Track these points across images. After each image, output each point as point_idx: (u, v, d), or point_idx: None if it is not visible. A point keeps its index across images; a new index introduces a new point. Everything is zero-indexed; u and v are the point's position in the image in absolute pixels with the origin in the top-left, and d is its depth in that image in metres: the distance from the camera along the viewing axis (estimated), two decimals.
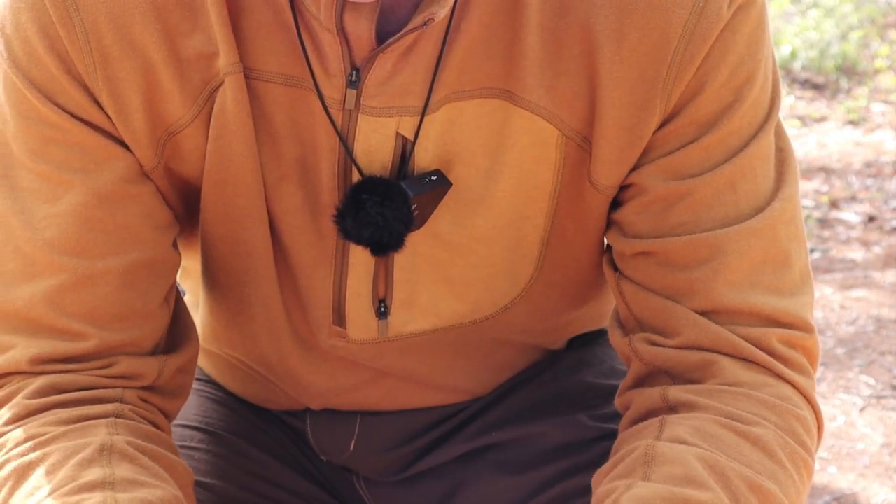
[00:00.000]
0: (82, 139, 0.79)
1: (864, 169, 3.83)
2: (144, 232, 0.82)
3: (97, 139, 0.80)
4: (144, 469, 0.77)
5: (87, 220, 0.79)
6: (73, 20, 0.77)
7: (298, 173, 0.83)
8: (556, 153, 0.82)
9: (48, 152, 0.79)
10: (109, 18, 0.77)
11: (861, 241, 3.25)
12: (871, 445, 2.29)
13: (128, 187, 0.81)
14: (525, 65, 0.79)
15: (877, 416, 2.39)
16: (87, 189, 0.79)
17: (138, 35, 0.78)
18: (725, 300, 0.80)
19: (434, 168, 0.82)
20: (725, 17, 0.78)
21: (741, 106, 0.80)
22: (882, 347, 2.66)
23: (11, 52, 0.79)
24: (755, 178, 0.81)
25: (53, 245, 0.79)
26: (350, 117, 0.80)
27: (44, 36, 0.77)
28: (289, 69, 0.80)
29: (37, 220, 0.79)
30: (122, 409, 0.81)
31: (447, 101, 0.80)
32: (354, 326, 0.89)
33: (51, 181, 0.79)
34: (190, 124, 0.81)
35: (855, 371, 2.56)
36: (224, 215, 0.85)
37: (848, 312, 2.83)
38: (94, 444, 0.76)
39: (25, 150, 0.80)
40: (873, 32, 5.20)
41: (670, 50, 0.78)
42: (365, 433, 1.00)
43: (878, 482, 2.17)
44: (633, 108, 0.79)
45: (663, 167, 0.81)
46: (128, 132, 0.80)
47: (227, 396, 1.05)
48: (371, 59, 0.78)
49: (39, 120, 0.79)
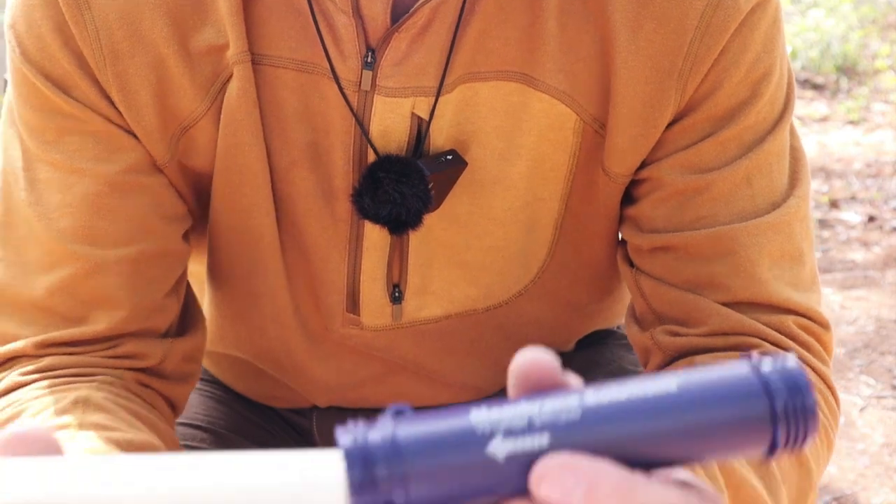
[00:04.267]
0: (96, 128, 0.80)
1: (864, 169, 3.83)
2: (155, 222, 0.82)
3: (110, 129, 0.80)
4: (119, 419, 0.75)
5: (98, 209, 0.80)
6: (84, 17, 0.78)
7: (311, 158, 0.83)
8: (573, 137, 0.82)
9: (63, 142, 0.80)
10: (120, 15, 0.78)
11: (861, 242, 3.26)
12: (871, 446, 2.29)
13: (139, 178, 0.81)
14: (545, 49, 0.79)
15: (877, 416, 2.39)
16: (99, 178, 0.80)
17: (148, 31, 0.78)
18: (748, 293, 0.81)
19: (449, 148, 0.82)
20: (743, 11, 0.78)
21: (758, 102, 0.80)
22: (882, 348, 2.66)
23: (24, 49, 0.79)
24: (770, 173, 0.82)
25: (67, 234, 0.80)
26: (365, 99, 0.80)
27: (58, 34, 0.78)
28: (301, 54, 0.80)
29: (51, 211, 0.80)
30: (115, 381, 0.80)
31: (461, 82, 0.80)
32: (368, 312, 0.89)
33: (64, 170, 0.80)
34: (203, 117, 0.81)
35: (855, 371, 2.56)
36: (231, 204, 0.85)
37: (848, 312, 2.84)
38: (69, 397, 0.75)
39: (41, 143, 0.80)
40: (874, 32, 5.21)
41: (686, 41, 0.78)
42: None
43: (878, 482, 2.18)
44: (648, 97, 0.79)
45: (680, 161, 0.81)
46: (139, 127, 0.80)
47: (231, 396, 1.05)
48: (386, 40, 0.78)
49: (54, 111, 0.79)
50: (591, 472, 0.41)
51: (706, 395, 0.44)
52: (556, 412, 0.43)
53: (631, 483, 0.42)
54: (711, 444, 0.44)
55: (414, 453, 0.42)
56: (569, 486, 0.41)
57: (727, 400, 0.44)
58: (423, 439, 0.42)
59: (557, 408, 0.43)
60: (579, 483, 0.41)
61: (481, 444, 0.42)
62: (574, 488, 0.41)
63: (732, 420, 0.44)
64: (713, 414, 0.43)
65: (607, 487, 0.41)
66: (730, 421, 0.44)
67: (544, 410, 0.43)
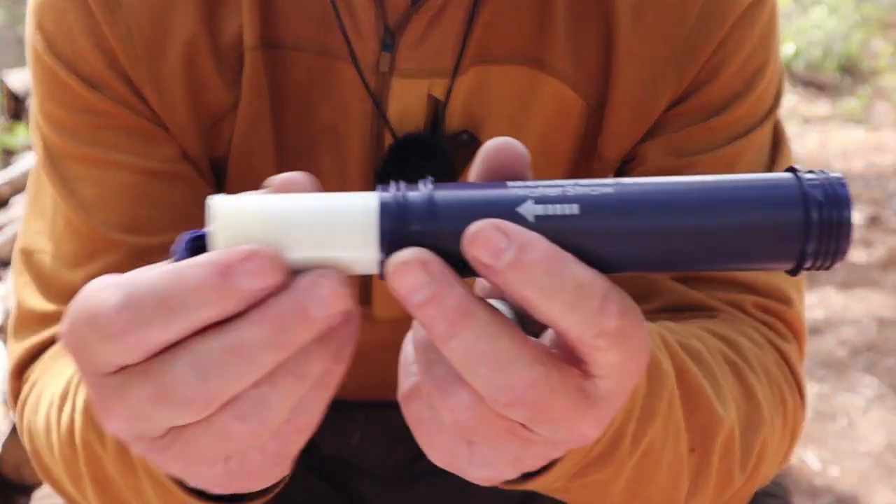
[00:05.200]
0: (130, 122, 0.80)
1: (866, 169, 3.83)
2: (194, 210, 0.82)
3: (144, 124, 0.80)
4: None
5: (140, 198, 0.80)
6: (115, 17, 0.78)
7: (325, 143, 0.83)
8: (578, 122, 0.83)
9: (98, 137, 0.80)
10: (150, 14, 0.78)
11: (863, 242, 3.25)
12: (873, 446, 2.28)
13: (177, 167, 0.81)
14: (555, 34, 0.80)
15: (879, 416, 2.38)
16: (138, 169, 0.79)
17: (179, 28, 0.79)
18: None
19: (462, 129, 0.83)
20: (742, 5, 0.80)
21: (751, 94, 0.82)
22: (884, 348, 2.66)
23: (55, 49, 0.79)
24: (751, 161, 0.83)
25: (109, 224, 0.79)
26: (384, 81, 0.80)
27: (89, 35, 0.78)
28: (318, 38, 0.80)
29: (90, 203, 0.80)
30: None
31: (474, 64, 0.81)
32: (380, 303, 0.89)
33: (101, 165, 0.80)
34: (231, 110, 0.81)
35: (857, 372, 2.56)
36: (241, 191, 0.85)
37: (850, 313, 2.83)
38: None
39: (74, 140, 0.80)
40: (876, 31, 5.20)
41: (686, 30, 0.80)
42: (371, 424, 1.00)
43: (880, 483, 2.17)
44: (646, 84, 0.80)
45: (665, 143, 0.82)
46: (173, 124, 0.81)
47: None
48: (405, 21, 0.78)
49: (86, 109, 0.79)
50: (524, 237, 0.41)
51: (744, 187, 0.43)
52: (591, 187, 0.43)
53: (561, 257, 0.42)
54: (741, 241, 0.43)
55: (449, 211, 0.43)
56: (499, 248, 0.41)
57: (763, 197, 0.43)
58: (459, 199, 0.43)
59: (593, 184, 0.43)
60: (510, 246, 0.41)
61: (513, 205, 0.43)
62: (504, 252, 0.41)
63: (764, 219, 0.43)
64: (748, 206, 0.43)
65: (538, 253, 0.41)
66: (761, 219, 0.43)
67: (579, 185, 0.43)
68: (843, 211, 0.43)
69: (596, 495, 0.69)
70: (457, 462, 0.49)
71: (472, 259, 0.42)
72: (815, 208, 0.43)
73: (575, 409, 0.44)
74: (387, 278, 0.42)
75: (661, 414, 0.66)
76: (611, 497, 0.69)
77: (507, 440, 0.46)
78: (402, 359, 0.50)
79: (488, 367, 0.42)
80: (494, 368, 0.42)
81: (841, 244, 0.43)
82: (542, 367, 0.43)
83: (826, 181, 0.43)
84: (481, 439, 0.46)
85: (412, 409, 0.49)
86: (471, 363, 0.42)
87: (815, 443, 2.31)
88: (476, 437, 0.46)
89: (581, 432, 0.46)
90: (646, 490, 0.70)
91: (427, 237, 0.42)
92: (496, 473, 0.49)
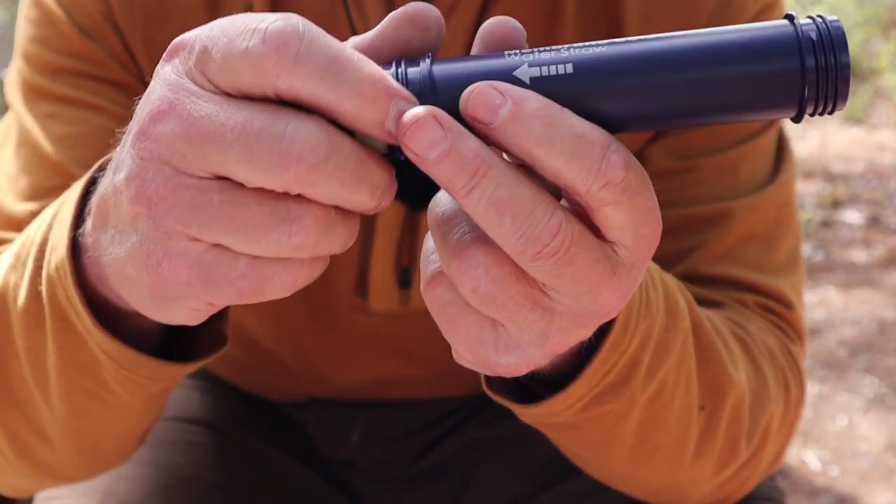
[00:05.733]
0: (116, 76, 0.80)
1: (866, 169, 3.82)
2: None
3: (130, 80, 0.81)
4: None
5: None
6: None
7: None
8: None
9: (81, 83, 0.80)
10: None
11: (863, 242, 3.25)
12: (873, 447, 2.28)
13: None
14: (565, 35, 0.80)
15: (879, 417, 2.38)
16: (116, 115, 0.79)
17: (181, 7, 0.79)
18: (707, 268, 0.81)
19: None
20: (750, 12, 0.80)
21: None
22: (884, 348, 2.65)
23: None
24: (755, 164, 0.83)
25: (77, 161, 0.78)
26: None
27: None
28: (327, 32, 0.80)
29: (62, 138, 0.79)
30: None
31: None
32: (376, 295, 0.89)
33: (80, 105, 0.80)
34: None
35: (857, 372, 2.55)
36: None
37: (850, 313, 2.83)
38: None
39: (56, 82, 0.80)
40: (876, 32, 5.19)
41: None
42: (370, 424, 1.00)
43: (880, 484, 2.17)
44: None
45: (669, 145, 0.82)
46: None
47: (229, 392, 1.05)
48: None
49: (75, 55, 0.80)
50: (519, 93, 0.43)
51: (739, 36, 0.43)
52: (584, 47, 0.44)
53: (558, 109, 0.42)
54: (740, 89, 0.42)
55: (448, 84, 0.44)
56: (496, 105, 0.42)
57: (758, 43, 0.42)
58: (457, 71, 0.44)
59: (586, 45, 0.44)
60: (506, 102, 0.42)
61: (510, 70, 0.44)
62: (501, 107, 0.42)
63: (761, 65, 0.42)
64: (743, 53, 0.42)
65: (534, 105, 0.42)
66: (758, 66, 0.42)
67: (573, 47, 0.44)
68: (841, 53, 0.42)
69: (607, 433, 0.69)
70: (483, 350, 0.49)
71: (472, 120, 0.43)
72: (811, 51, 0.42)
73: (595, 270, 0.45)
74: (402, 140, 0.43)
75: (675, 351, 0.66)
76: (620, 438, 0.69)
77: (528, 310, 0.46)
78: (423, 251, 0.50)
79: (512, 214, 0.43)
80: (518, 216, 0.43)
81: (840, 87, 0.43)
82: (563, 214, 0.44)
83: (822, 24, 0.43)
84: (503, 311, 0.46)
85: (435, 296, 0.49)
86: (494, 214, 0.43)
87: (815, 443, 2.31)
88: (497, 309, 0.46)
89: (603, 301, 0.46)
90: (655, 435, 0.70)
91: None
92: (524, 358, 0.49)
